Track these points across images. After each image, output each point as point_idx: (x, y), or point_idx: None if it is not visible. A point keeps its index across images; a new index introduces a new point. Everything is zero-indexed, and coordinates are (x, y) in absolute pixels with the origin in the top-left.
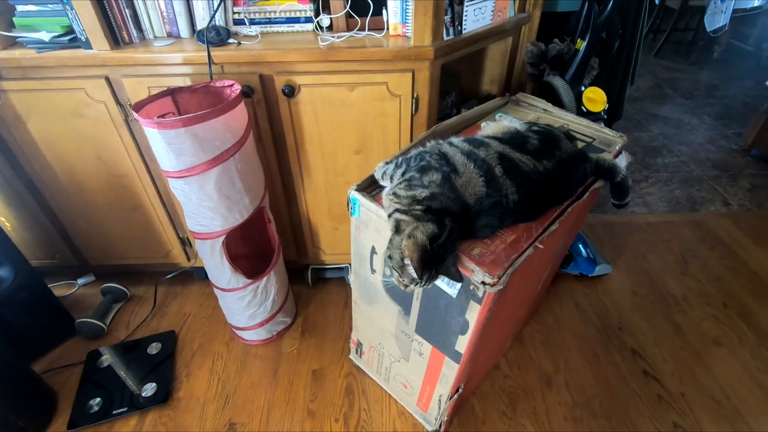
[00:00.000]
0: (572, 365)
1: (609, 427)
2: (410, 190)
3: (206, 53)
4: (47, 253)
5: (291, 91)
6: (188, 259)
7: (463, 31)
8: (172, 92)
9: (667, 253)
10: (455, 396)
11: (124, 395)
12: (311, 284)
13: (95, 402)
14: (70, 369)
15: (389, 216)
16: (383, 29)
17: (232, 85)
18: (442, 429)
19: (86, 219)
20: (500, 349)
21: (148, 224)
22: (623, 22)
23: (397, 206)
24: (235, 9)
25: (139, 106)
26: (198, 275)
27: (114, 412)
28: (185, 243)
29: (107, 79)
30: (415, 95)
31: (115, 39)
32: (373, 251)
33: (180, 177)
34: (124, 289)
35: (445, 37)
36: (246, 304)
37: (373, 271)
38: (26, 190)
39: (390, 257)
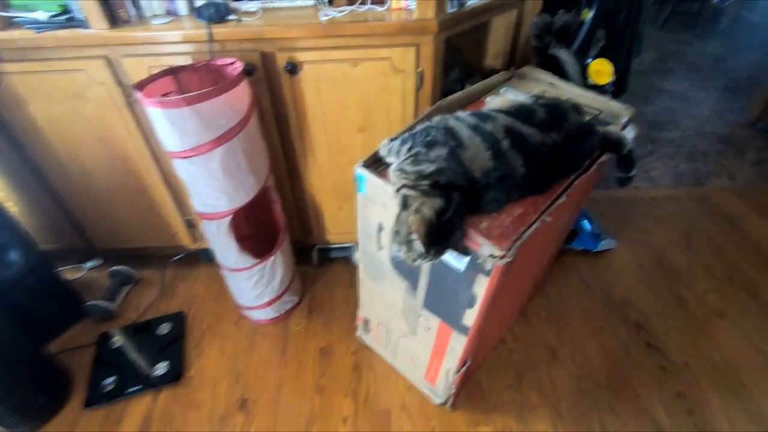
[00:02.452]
0: (577, 338)
1: (613, 397)
2: (417, 165)
3: (206, 30)
4: (55, 237)
5: (293, 68)
6: (194, 241)
7: (467, 4)
8: (173, 71)
9: (672, 227)
10: (463, 369)
11: (137, 374)
12: (317, 264)
13: (109, 381)
14: (82, 350)
15: (396, 191)
16: (385, 3)
17: (233, 63)
18: (450, 402)
19: (92, 202)
20: (507, 323)
21: (153, 207)
22: None
23: (404, 182)
24: None
25: (140, 86)
26: (204, 257)
27: (128, 390)
28: (190, 225)
29: (107, 59)
30: (419, 70)
31: (113, 17)
32: (380, 228)
33: (185, 157)
34: (132, 271)
35: (449, 10)
36: (253, 284)
37: (380, 247)
38: (32, 174)
39: (397, 232)
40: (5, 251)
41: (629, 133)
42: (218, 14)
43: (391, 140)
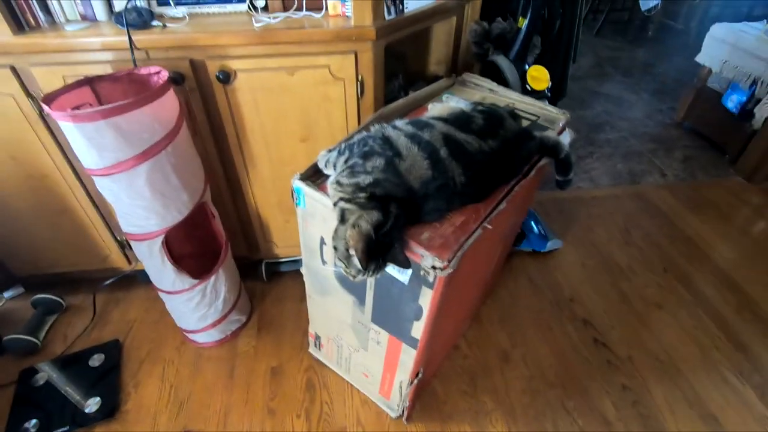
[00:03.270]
0: (528, 339)
1: (564, 395)
2: (353, 177)
3: (127, 37)
4: None
5: (226, 77)
6: (129, 263)
7: (405, 10)
8: (90, 81)
9: (612, 224)
10: (415, 381)
11: (64, 413)
12: (266, 279)
13: (31, 424)
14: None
15: (334, 205)
16: (322, 9)
17: (158, 72)
18: (405, 414)
19: (6, 226)
20: (459, 330)
21: (80, 228)
22: (563, 1)
23: (341, 195)
24: None
25: (51, 98)
26: (142, 278)
27: None
28: (124, 246)
29: (13, 68)
30: (359, 78)
31: (18, 23)
32: (322, 242)
33: (105, 175)
34: (59, 299)
35: (387, 17)
36: (195, 306)
37: (324, 262)
38: None
39: (335, 248)
40: None
41: (565, 138)
42: (141, 20)
43: (329, 151)
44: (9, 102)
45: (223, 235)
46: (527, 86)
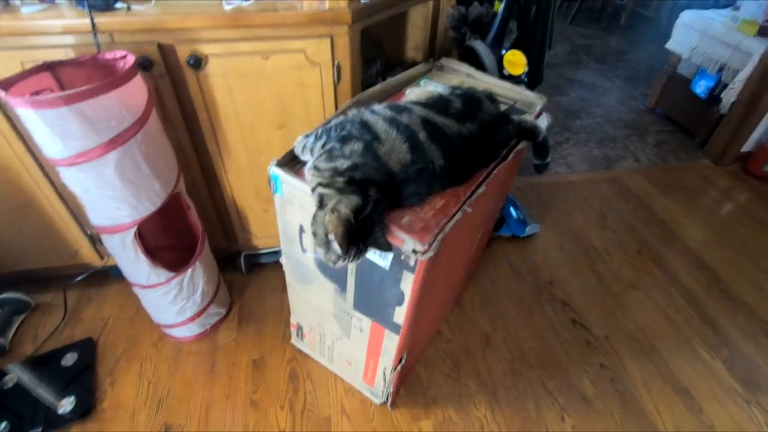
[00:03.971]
0: (509, 323)
1: (545, 375)
2: (331, 162)
3: (89, 20)
4: None
5: (197, 62)
6: (101, 258)
7: None
8: (50, 66)
9: (588, 209)
10: (398, 367)
11: (37, 414)
12: (245, 271)
13: (0, 427)
14: None
15: (312, 191)
16: None
17: (124, 57)
18: (390, 400)
19: None
20: (441, 315)
21: (46, 223)
22: None
23: (319, 180)
24: None
25: (7, 84)
26: (114, 274)
27: None
28: (95, 240)
29: None
30: (335, 63)
31: None
32: (302, 230)
33: (71, 165)
34: (26, 298)
35: (362, 0)
36: (172, 299)
37: (303, 250)
38: None
39: (314, 234)
40: None
41: (543, 121)
42: (103, 1)
43: (306, 136)
44: None
45: (199, 226)
46: (504, 71)
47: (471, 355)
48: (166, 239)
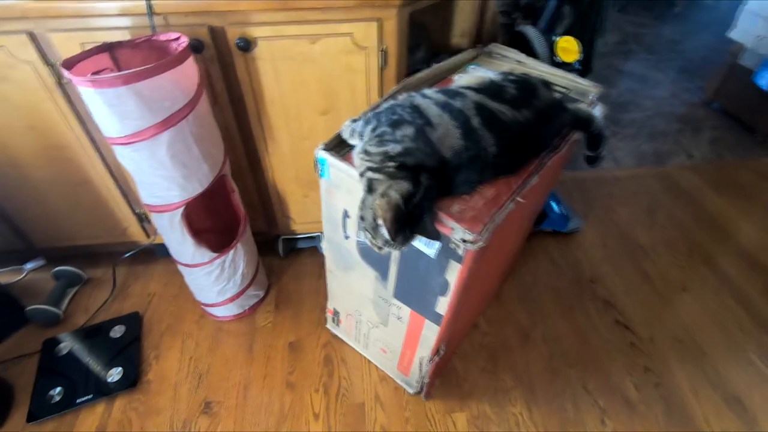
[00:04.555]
0: (548, 319)
1: (585, 375)
2: (382, 146)
3: (145, 2)
4: None
5: (246, 45)
6: (147, 236)
7: None
8: (109, 47)
9: (635, 205)
10: (436, 358)
11: (88, 382)
12: (283, 255)
13: (56, 392)
14: (24, 360)
15: (361, 175)
16: None
17: (178, 38)
18: (425, 390)
19: (27, 198)
20: (480, 308)
21: (98, 201)
22: None
23: (369, 164)
24: None
25: (70, 64)
26: (160, 253)
27: (78, 400)
28: (143, 219)
29: (31, 34)
30: (383, 47)
31: None
32: (346, 215)
33: (127, 144)
34: (79, 271)
35: None
36: (214, 279)
37: (346, 236)
38: None
39: (362, 218)
40: None
41: (597, 111)
42: None
43: (354, 121)
44: (27, 70)
45: (242, 209)
46: (556, 58)
47: (508, 349)
48: (210, 221)
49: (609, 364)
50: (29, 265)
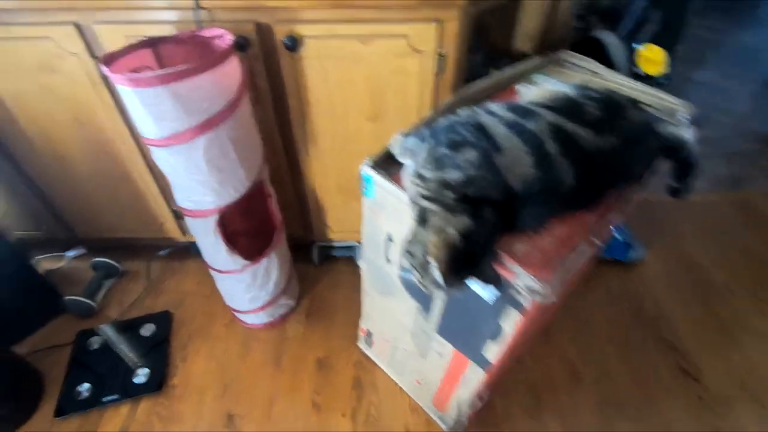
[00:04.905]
0: (602, 358)
1: (642, 426)
2: (439, 171)
3: None
4: (33, 224)
5: (294, 44)
6: (183, 233)
7: None
8: (152, 43)
9: (707, 235)
10: (479, 404)
11: (115, 381)
12: (318, 263)
13: (84, 388)
14: (57, 350)
15: (412, 202)
16: None
17: (222, 36)
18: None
19: (70, 189)
20: (529, 345)
21: (137, 195)
22: None
23: (423, 191)
24: None
25: (109, 59)
26: (195, 250)
27: (104, 399)
28: (179, 216)
29: (77, 25)
30: (440, 51)
31: None
32: (390, 239)
33: (163, 146)
34: (116, 264)
35: None
36: (246, 287)
37: (388, 261)
38: (2, 157)
39: (410, 253)
40: None
41: (688, 134)
42: None
43: (406, 136)
44: (73, 61)
45: (278, 215)
46: (638, 70)
47: (554, 389)
48: (245, 223)
49: (672, 418)
50: (70, 254)
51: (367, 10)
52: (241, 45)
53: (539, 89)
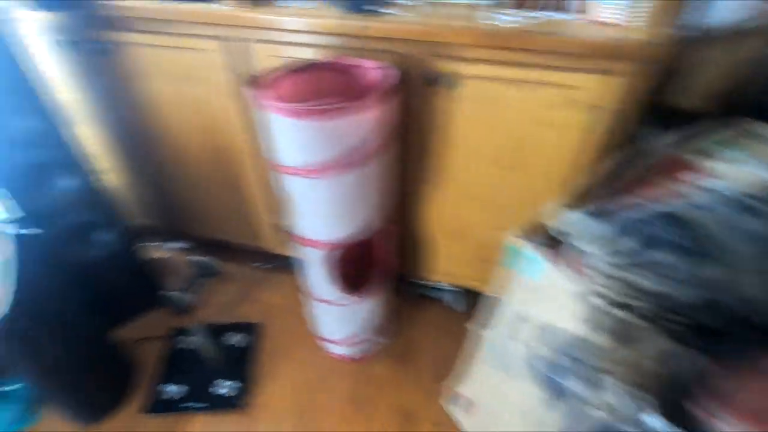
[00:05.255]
0: None
1: None
2: (640, 277)
3: (347, 22)
4: (144, 213)
5: (448, 82)
6: (279, 246)
7: (707, 22)
8: (301, 67)
9: None
10: None
11: (200, 388)
12: (413, 302)
13: (169, 388)
14: (148, 343)
15: (588, 298)
16: (575, 11)
17: (378, 68)
18: None
19: (185, 185)
20: None
21: (242, 203)
22: None
23: (612, 295)
24: None
25: (258, 82)
26: (289, 264)
27: (187, 404)
28: (277, 229)
29: (227, 40)
30: (604, 106)
31: None
32: (524, 319)
33: (301, 175)
34: (215, 264)
35: (673, 29)
36: (341, 319)
37: (512, 337)
38: (136, 147)
39: (577, 360)
40: (96, 230)
41: None
42: (363, 4)
43: (579, 213)
44: (216, 74)
45: (389, 253)
46: None
47: None
48: (352, 257)
49: None
50: (172, 245)
51: (536, 54)
52: (397, 81)
53: (738, 171)
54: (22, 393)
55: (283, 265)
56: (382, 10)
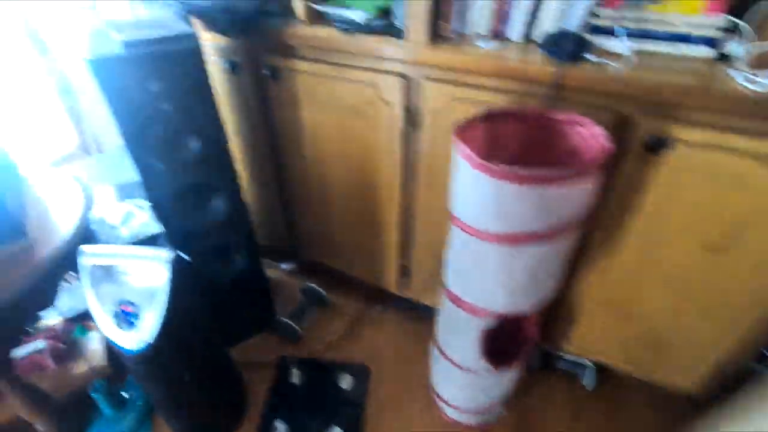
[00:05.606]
0: None
1: None
2: None
3: (547, 68)
4: (267, 234)
5: (658, 145)
6: (398, 288)
7: None
8: (490, 116)
9: None
10: None
11: (307, 430)
12: (537, 368)
13: (282, 427)
14: (259, 368)
15: None
16: None
17: (585, 125)
18: None
19: (324, 212)
20: None
21: (374, 240)
22: None
23: None
24: (602, 12)
25: (460, 131)
26: (400, 306)
27: None
28: (404, 272)
29: (405, 77)
30: None
31: (434, 32)
32: None
33: (483, 239)
34: (325, 295)
35: None
36: (470, 386)
37: None
38: (274, 170)
39: None
40: (235, 252)
41: None
42: (570, 50)
43: None
44: (385, 110)
45: (538, 323)
46: None
47: None
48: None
49: None
50: (284, 266)
51: None
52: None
53: None
54: (140, 403)
55: (401, 305)
56: (596, 59)
